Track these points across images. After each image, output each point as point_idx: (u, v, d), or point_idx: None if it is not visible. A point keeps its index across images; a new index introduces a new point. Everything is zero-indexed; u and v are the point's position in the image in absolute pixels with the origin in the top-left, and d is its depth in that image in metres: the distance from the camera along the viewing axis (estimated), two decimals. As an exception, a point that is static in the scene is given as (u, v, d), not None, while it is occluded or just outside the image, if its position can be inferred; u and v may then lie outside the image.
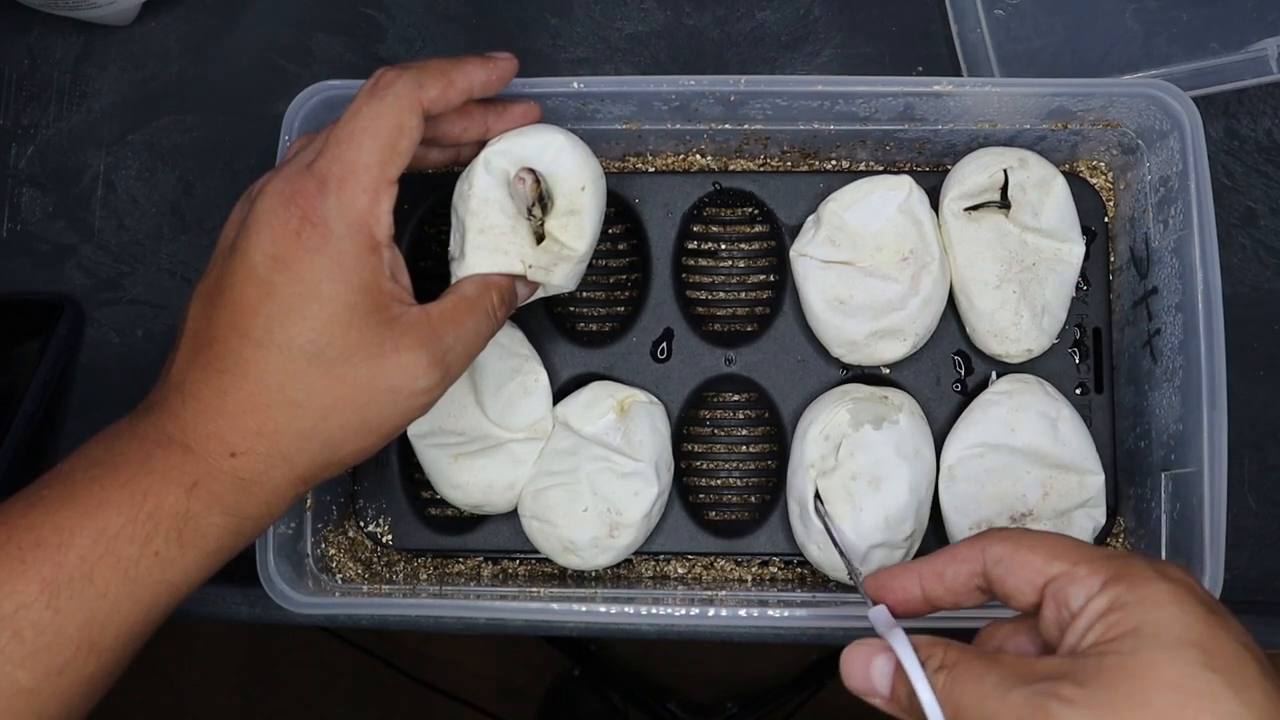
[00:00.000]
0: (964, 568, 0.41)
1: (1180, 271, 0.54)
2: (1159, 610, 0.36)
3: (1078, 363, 0.60)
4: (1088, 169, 0.61)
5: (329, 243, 0.44)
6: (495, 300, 0.49)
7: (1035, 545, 0.40)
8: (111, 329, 0.65)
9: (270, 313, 0.44)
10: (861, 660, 0.41)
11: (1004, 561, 0.40)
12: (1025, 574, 0.39)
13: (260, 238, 0.44)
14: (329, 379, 0.44)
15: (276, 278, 0.44)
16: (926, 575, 0.43)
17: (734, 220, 0.62)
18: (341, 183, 0.44)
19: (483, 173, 0.51)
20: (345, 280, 0.44)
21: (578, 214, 0.52)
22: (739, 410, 0.61)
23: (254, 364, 0.44)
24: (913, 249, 0.57)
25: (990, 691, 0.36)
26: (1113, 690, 0.34)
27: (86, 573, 0.41)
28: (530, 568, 0.60)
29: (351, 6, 0.67)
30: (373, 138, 0.45)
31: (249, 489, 0.44)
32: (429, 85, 0.46)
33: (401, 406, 0.45)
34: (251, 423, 0.44)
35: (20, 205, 0.66)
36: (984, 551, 0.41)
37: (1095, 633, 0.36)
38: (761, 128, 0.59)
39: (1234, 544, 0.52)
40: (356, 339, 0.44)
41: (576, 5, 0.66)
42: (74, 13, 0.64)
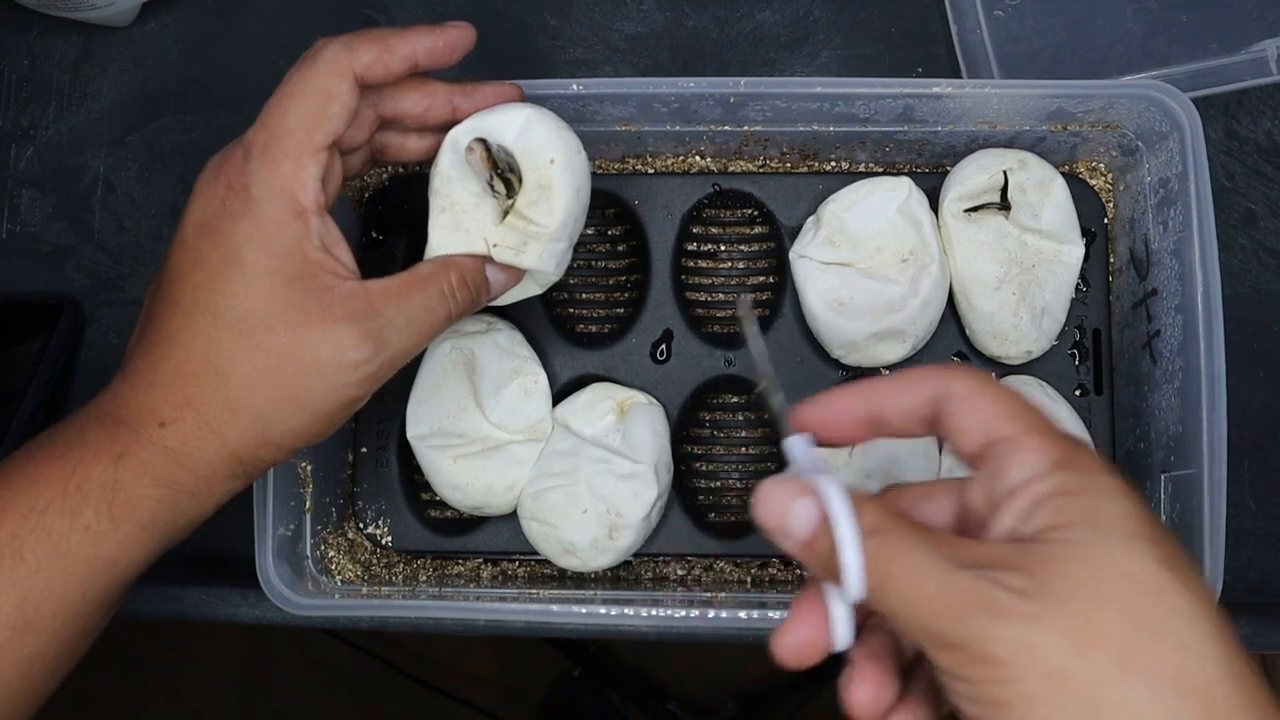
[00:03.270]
0: (923, 392, 0.38)
1: (1180, 273, 0.54)
2: (1112, 502, 0.34)
3: (1077, 364, 0.60)
4: (1087, 170, 0.61)
5: (250, 207, 0.43)
6: (454, 280, 0.47)
7: (997, 397, 0.36)
8: (111, 329, 0.65)
9: (196, 280, 0.43)
10: (781, 496, 0.36)
11: (963, 400, 0.37)
12: (976, 420, 0.36)
13: (192, 208, 0.44)
14: (252, 348, 0.43)
15: (203, 245, 0.43)
16: (875, 396, 0.39)
17: (734, 221, 0.62)
18: (265, 148, 0.44)
19: (448, 151, 0.49)
20: (266, 246, 0.43)
21: (548, 189, 0.49)
22: (739, 411, 0.61)
23: (182, 332, 0.43)
24: (912, 250, 0.57)
25: (926, 569, 0.33)
26: (1065, 581, 0.32)
27: (17, 549, 0.41)
28: (530, 569, 0.60)
29: (351, 7, 0.67)
30: (298, 102, 0.44)
31: (180, 461, 0.43)
32: (361, 50, 0.45)
33: (332, 380, 0.44)
34: (180, 393, 0.43)
35: (20, 206, 0.66)
36: (947, 382, 0.37)
37: (1040, 518, 0.34)
38: (761, 129, 0.59)
39: (1234, 545, 0.52)
40: (280, 306, 0.43)
41: (576, 6, 0.66)
42: (74, 13, 0.64)
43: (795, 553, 0.36)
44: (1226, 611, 0.34)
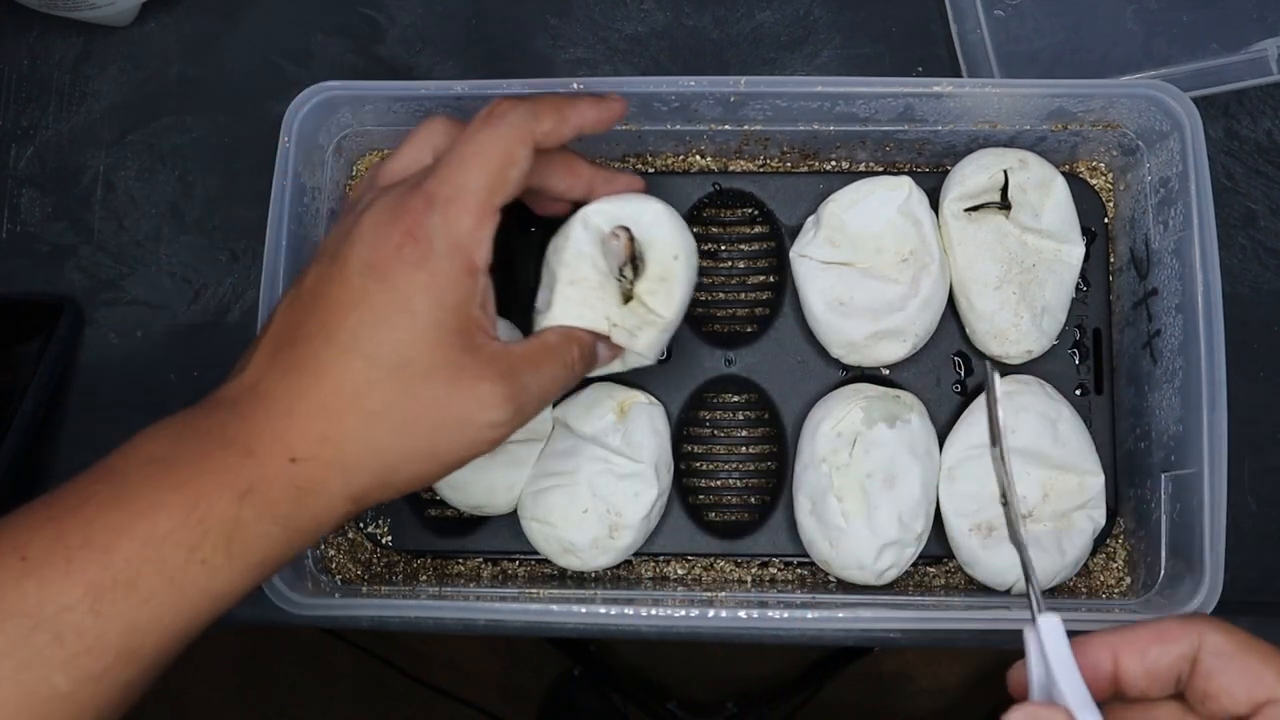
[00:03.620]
0: (1173, 649, 0.36)
1: (1180, 272, 0.54)
2: None
3: (1078, 364, 0.60)
4: (1088, 170, 0.61)
5: (429, 259, 0.43)
6: (576, 354, 0.48)
7: (1268, 656, 0.35)
8: (111, 329, 0.64)
9: (360, 319, 0.43)
10: None
11: (1224, 656, 0.35)
12: (1246, 682, 0.35)
13: (361, 247, 0.44)
14: (406, 394, 0.43)
15: (371, 286, 0.43)
16: (1125, 648, 0.37)
17: (734, 221, 0.62)
18: (448, 202, 0.44)
19: (580, 228, 0.51)
20: (439, 298, 0.43)
21: (668, 282, 0.52)
22: (739, 411, 0.61)
23: (335, 367, 0.43)
24: (913, 250, 0.57)
25: None
26: None
27: (131, 577, 0.40)
28: (530, 569, 0.60)
29: (351, 7, 0.67)
30: (483, 163, 0.44)
31: (303, 499, 0.43)
32: (543, 118, 0.46)
33: (470, 437, 0.45)
34: (320, 428, 0.43)
35: (20, 206, 0.66)
36: (1202, 636, 0.36)
37: None
38: (761, 128, 0.59)
39: (1234, 545, 0.51)
40: (440, 359, 0.43)
41: (576, 5, 0.66)
42: (74, 13, 0.64)
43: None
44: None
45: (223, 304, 0.65)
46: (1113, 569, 0.58)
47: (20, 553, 0.40)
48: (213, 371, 0.64)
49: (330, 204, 0.59)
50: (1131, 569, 0.57)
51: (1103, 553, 0.58)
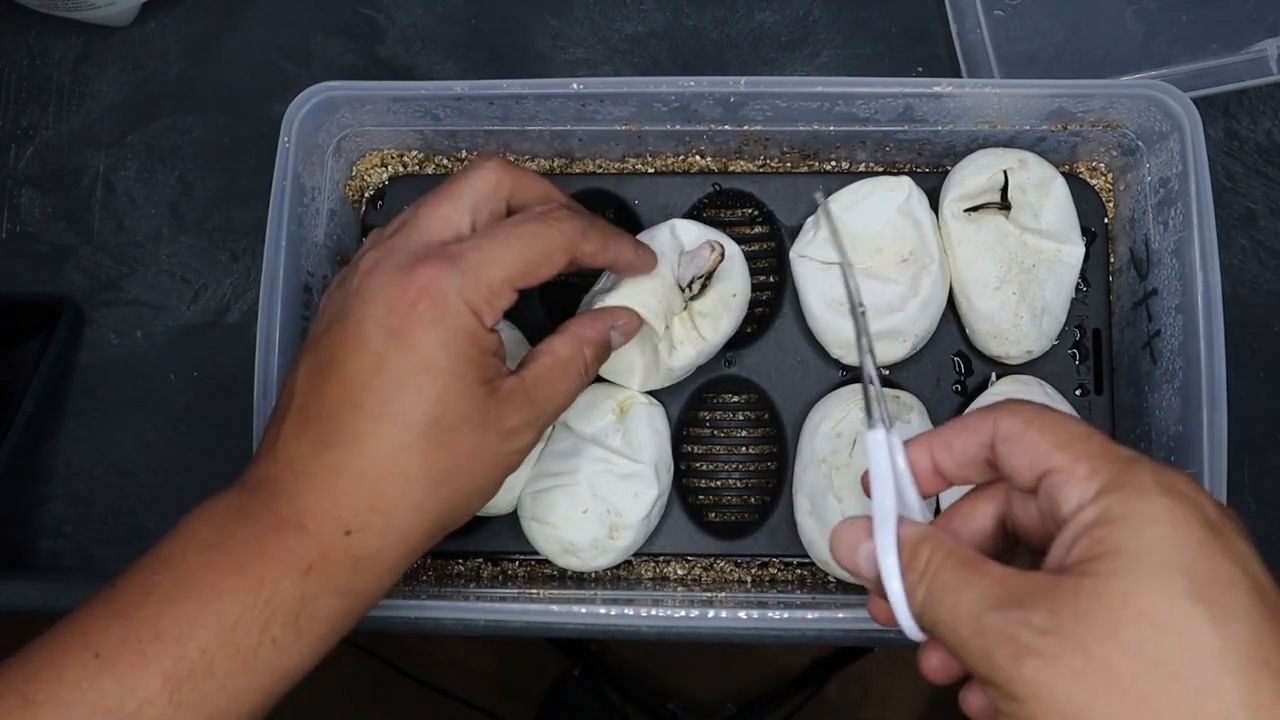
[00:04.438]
0: (974, 439, 0.39)
1: (1180, 273, 0.54)
2: (1149, 529, 0.33)
3: (1077, 364, 0.60)
4: (1088, 170, 0.61)
5: (445, 315, 0.44)
6: (589, 356, 0.49)
7: (1045, 428, 0.37)
8: (111, 330, 0.64)
9: (383, 384, 0.43)
10: (849, 541, 0.40)
11: (1011, 439, 0.37)
12: (1028, 457, 0.37)
13: (374, 308, 0.44)
14: (441, 449, 0.44)
15: (389, 349, 0.43)
16: (937, 445, 0.40)
17: (734, 221, 0.62)
18: (477, 269, 0.44)
19: (668, 233, 0.55)
20: (458, 353, 0.44)
21: (719, 313, 0.55)
22: (739, 411, 0.61)
23: (367, 437, 0.43)
24: (912, 250, 0.57)
25: (965, 614, 0.35)
26: (1082, 620, 0.32)
27: (207, 665, 0.40)
28: (530, 569, 0.60)
29: (350, 7, 0.67)
30: (524, 250, 0.46)
31: (363, 566, 0.44)
32: (590, 240, 0.48)
33: (503, 465, 0.47)
34: (365, 498, 0.43)
35: (20, 206, 0.66)
36: (995, 424, 0.38)
37: (1081, 547, 0.34)
38: (761, 129, 0.59)
39: (1234, 545, 0.52)
40: (465, 410, 0.44)
41: (576, 6, 0.66)
42: (73, 13, 0.64)
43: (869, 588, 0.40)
44: None
45: (223, 304, 0.65)
46: (1113, 569, 0.58)
47: (93, 650, 0.40)
48: (213, 372, 0.64)
49: (330, 204, 0.59)
50: (1131, 569, 0.57)
51: (1103, 553, 0.58)
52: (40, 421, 0.63)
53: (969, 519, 0.41)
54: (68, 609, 0.58)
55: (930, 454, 0.40)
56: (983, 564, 0.36)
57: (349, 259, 0.61)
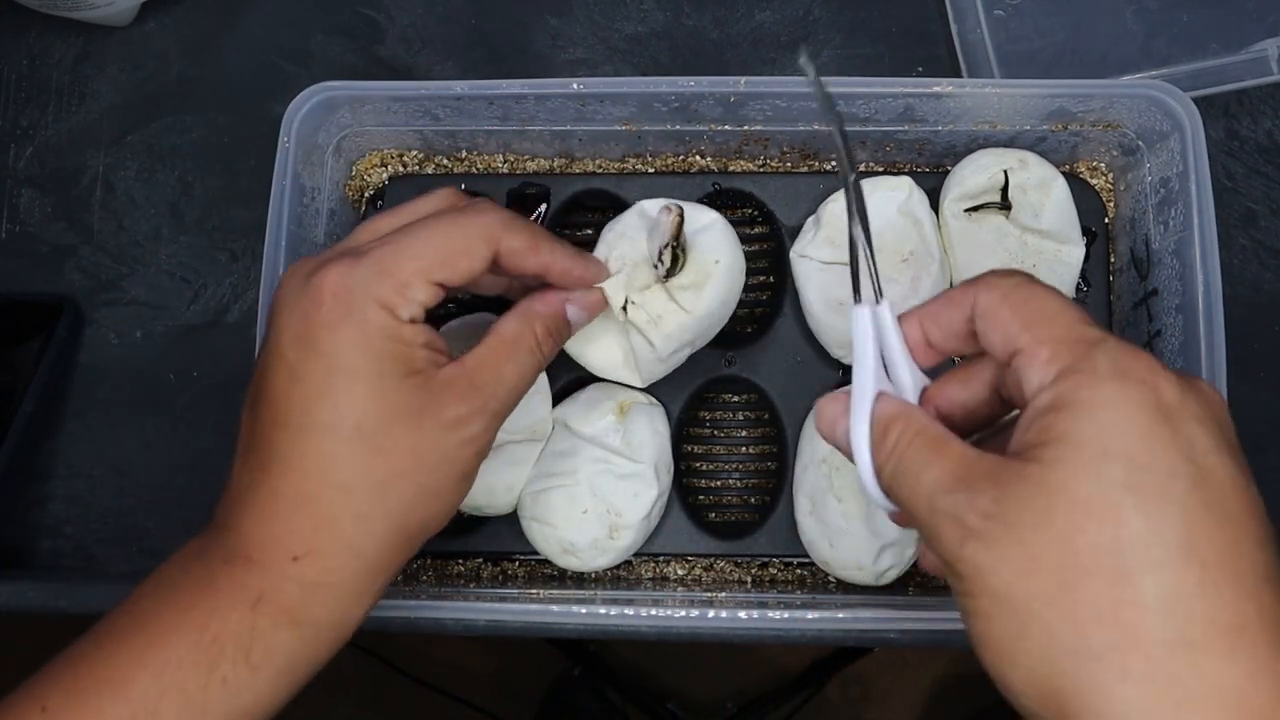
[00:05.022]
0: (957, 313, 0.39)
1: (1180, 273, 0.54)
2: (1094, 415, 0.33)
3: (1078, 364, 0.60)
4: (1088, 170, 0.61)
5: (352, 313, 0.42)
6: (539, 332, 0.47)
7: (1017, 305, 0.36)
8: (110, 330, 0.64)
9: (303, 394, 0.42)
10: (829, 415, 0.40)
11: (987, 315, 0.37)
12: (1000, 335, 0.37)
13: (287, 319, 0.43)
14: (373, 453, 0.42)
15: (302, 358, 0.42)
16: (925, 318, 0.40)
17: (734, 221, 0.62)
18: (380, 261, 0.42)
19: (635, 215, 0.53)
20: (371, 350, 0.42)
21: (702, 284, 0.52)
22: (739, 411, 0.61)
23: (296, 454, 0.41)
24: (913, 250, 0.57)
25: (923, 493, 0.35)
26: (1021, 505, 0.33)
27: (151, 709, 0.39)
28: (530, 569, 0.60)
29: (350, 7, 0.67)
30: (434, 239, 0.44)
31: (318, 592, 0.42)
32: (515, 235, 0.45)
33: (454, 460, 0.44)
34: (307, 519, 0.41)
35: (19, 206, 0.66)
36: (975, 298, 0.38)
37: (1032, 433, 0.34)
38: (761, 128, 0.59)
39: (1234, 545, 0.52)
40: (393, 406, 0.42)
41: (576, 6, 0.66)
42: (73, 13, 0.64)
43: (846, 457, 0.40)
44: None
45: (223, 304, 0.65)
46: (1113, 569, 0.58)
47: (40, 704, 0.40)
48: (213, 372, 0.64)
49: (330, 204, 0.59)
50: (1132, 569, 0.57)
51: (1103, 553, 0.58)
52: (40, 421, 0.63)
53: (964, 385, 0.41)
54: (68, 609, 0.59)
55: (920, 327, 0.40)
56: (947, 444, 0.36)
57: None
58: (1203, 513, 0.32)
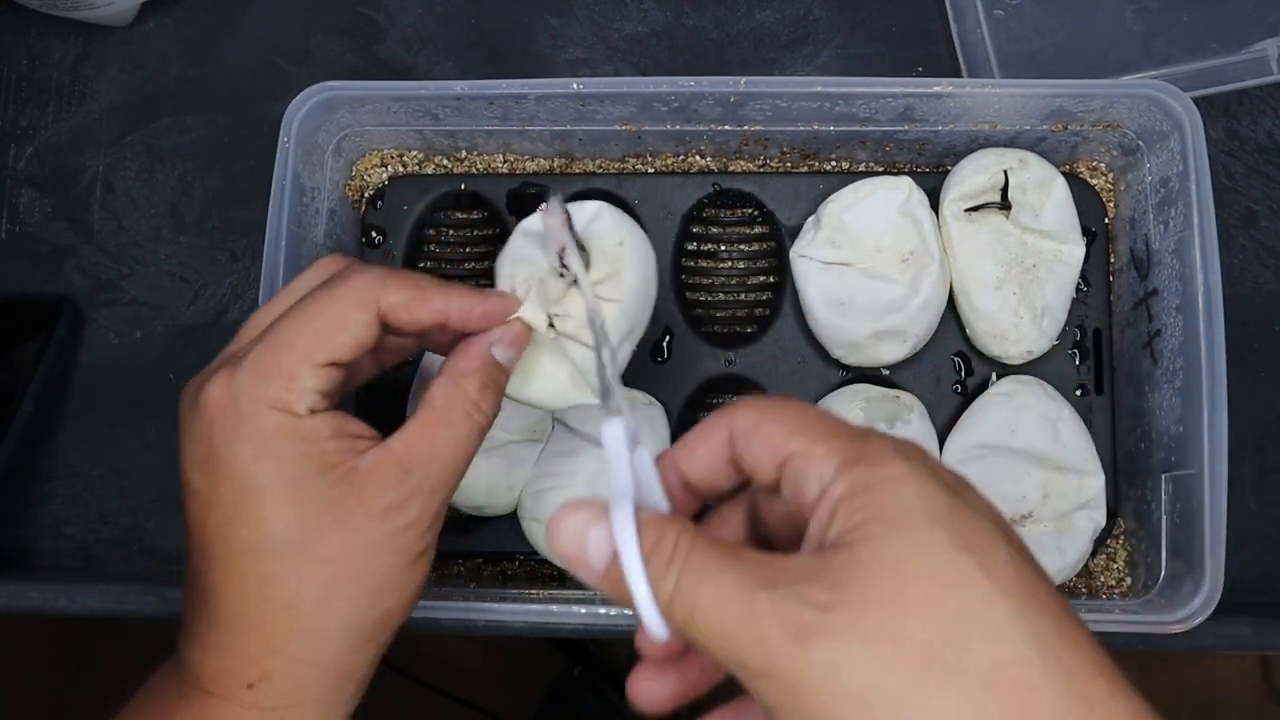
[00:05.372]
0: (714, 442, 0.36)
1: (1181, 273, 0.54)
2: (903, 489, 0.32)
3: (1078, 364, 0.60)
4: (1088, 170, 0.61)
5: (243, 425, 0.39)
6: (473, 391, 0.43)
7: (779, 417, 0.35)
8: (110, 330, 0.64)
9: (217, 521, 0.40)
10: (575, 525, 0.34)
11: (747, 434, 0.35)
12: (765, 449, 0.35)
13: (184, 447, 0.41)
14: (305, 566, 0.39)
15: (208, 484, 0.40)
16: (681, 456, 0.37)
17: (734, 221, 0.62)
18: (258, 361, 0.40)
19: (520, 237, 0.48)
20: (278, 459, 0.39)
21: (617, 271, 0.47)
22: (739, 411, 0.61)
23: (226, 583, 0.40)
24: (913, 250, 0.57)
25: (730, 596, 0.31)
26: (863, 587, 0.30)
27: None
28: (530, 569, 0.60)
29: (350, 7, 0.67)
30: (308, 320, 0.41)
31: (283, 715, 0.40)
32: (394, 289, 0.41)
33: (398, 550, 0.41)
34: (254, 645, 0.40)
35: (19, 206, 0.66)
36: (732, 422, 0.36)
37: (839, 522, 0.32)
38: (761, 129, 0.59)
39: (1235, 545, 0.51)
40: (312, 512, 0.39)
41: (576, 6, 0.66)
42: (73, 13, 0.64)
43: (595, 585, 0.34)
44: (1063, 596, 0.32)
45: (222, 304, 0.65)
46: (1113, 569, 0.58)
47: None
48: (212, 372, 0.64)
49: (330, 204, 0.59)
50: (1132, 569, 0.57)
51: (1103, 553, 0.58)
52: (40, 421, 0.63)
53: (718, 530, 0.39)
54: (67, 609, 0.59)
55: (676, 468, 0.37)
56: (738, 549, 0.33)
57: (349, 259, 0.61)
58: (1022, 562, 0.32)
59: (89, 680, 1.31)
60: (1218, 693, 1.33)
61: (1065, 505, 0.56)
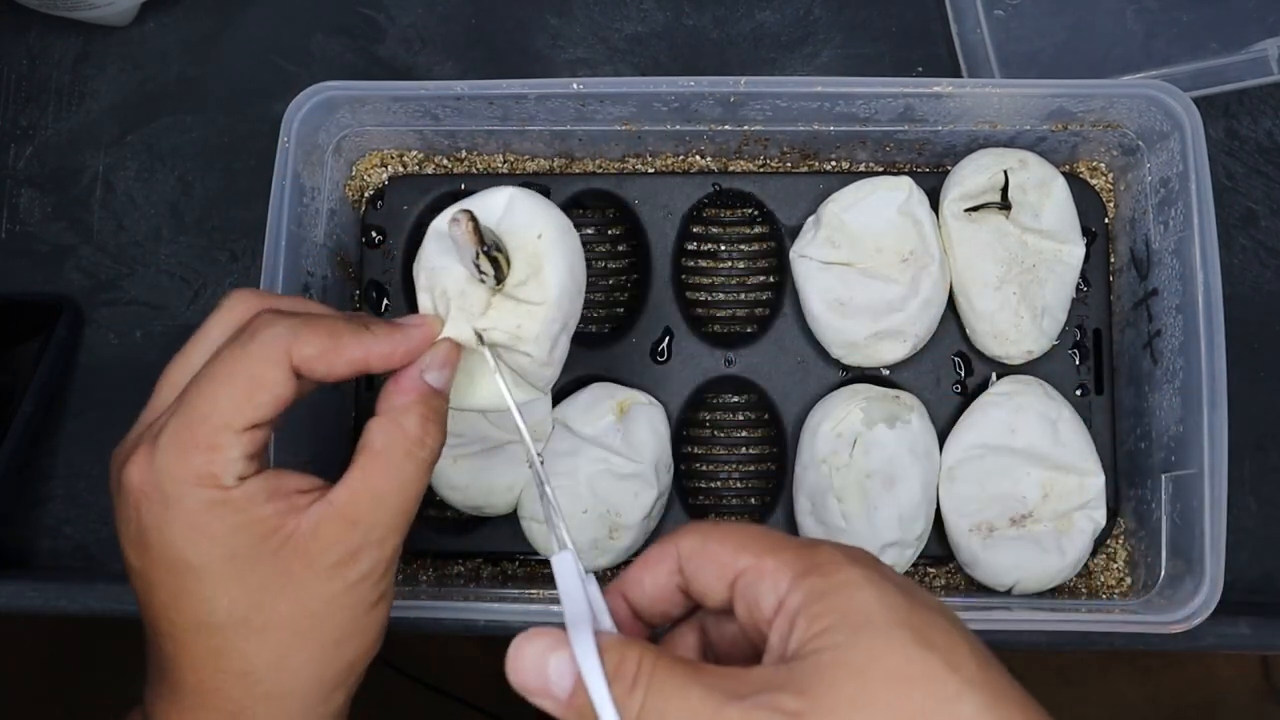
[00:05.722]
0: (661, 569, 0.37)
1: (1180, 273, 0.54)
2: (859, 593, 0.33)
3: (1078, 364, 0.60)
4: (1088, 170, 0.61)
5: (169, 506, 0.38)
6: (413, 428, 0.41)
7: (724, 537, 0.36)
8: (110, 330, 0.64)
9: (161, 602, 0.39)
10: (534, 654, 0.34)
11: (694, 557, 0.36)
12: (714, 569, 0.35)
13: (117, 525, 0.40)
14: (256, 634, 0.38)
15: (145, 564, 0.39)
16: (628, 586, 0.38)
17: (734, 221, 0.62)
18: (175, 437, 0.38)
19: (432, 240, 0.45)
20: (209, 537, 0.38)
21: (538, 267, 0.44)
22: (739, 411, 0.61)
23: (181, 655, 0.39)
24: (913, 250, 0.57)
25: (698, 710, 0.31)
26: (833, 692, 0.31)
27: None
28: (530, 569, 0.60)
29: (350, 7, 0.67)
30: (221, 386, 0.39)
31: None
32: (306, 341, 0.40)
33: (351, 603, 0.40)
34: (216, 712, 0.39)
35: (19, 206, 0.66)
36: (677, 547, 0.36)
37: (800, 630, 0.33)
38: (761, 128, 0.59)
39: (1235, 545, 0.52)
40: (260, 580, 0.38)
41: (576, 5, 0.66)
42: (73, 13, 0.64)
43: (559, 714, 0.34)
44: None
45: (222, 304, 0.64)
46: (1113, 569, 0.58)
47: None
48: (212, 372, 0.64)
49: (330, 204, 0.59)
50: (1132, 569, 0.57)
51: (1103, 553, 0.58)
52: (40, 421, 0.63)
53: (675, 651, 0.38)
54: (67, 609, 0.59)
55: (623, 598, 0.38)
56: (700, 665, 0.33)
57: (349, 259, 0.61)
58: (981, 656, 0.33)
59: (89, 680, 1.31)
60: (1218, 693, 1.33)
61: (1065, 505, 0.56)
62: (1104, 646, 0.56)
